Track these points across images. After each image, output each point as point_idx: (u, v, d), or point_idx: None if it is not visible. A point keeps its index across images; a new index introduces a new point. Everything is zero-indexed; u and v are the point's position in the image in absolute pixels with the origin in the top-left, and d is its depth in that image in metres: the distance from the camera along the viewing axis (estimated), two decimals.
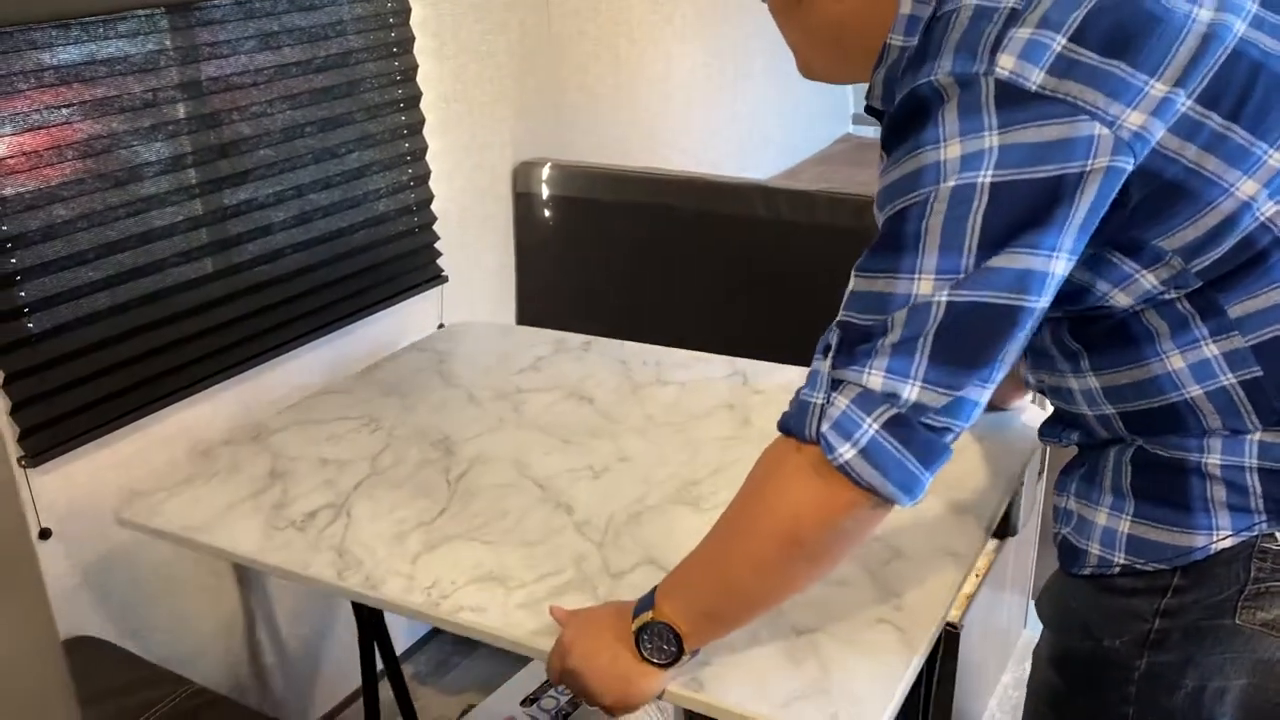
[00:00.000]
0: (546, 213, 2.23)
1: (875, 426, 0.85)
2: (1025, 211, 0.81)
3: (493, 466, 1.42)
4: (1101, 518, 0.99)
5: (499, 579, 1.18)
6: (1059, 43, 0.80)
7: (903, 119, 0.87)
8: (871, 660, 1.03)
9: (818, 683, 1.01)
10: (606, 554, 1.21)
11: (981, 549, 1.18)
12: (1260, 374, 0.88)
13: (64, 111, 1.44)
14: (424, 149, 1.99)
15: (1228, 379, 0.89)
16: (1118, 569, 0.98)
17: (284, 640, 1.92)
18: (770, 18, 1.02)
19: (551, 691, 1.77)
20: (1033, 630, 2.20)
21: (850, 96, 3.94)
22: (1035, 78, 0.79)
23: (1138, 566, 0.96)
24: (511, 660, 1.92)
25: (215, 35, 1.61)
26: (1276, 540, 0.91)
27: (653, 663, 0.99)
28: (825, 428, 0.86)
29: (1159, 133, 0.80)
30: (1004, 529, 1.83)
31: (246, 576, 1.83)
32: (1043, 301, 0.84)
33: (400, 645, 2.18)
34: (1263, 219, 0.84)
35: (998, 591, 1.89)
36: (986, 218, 0.81)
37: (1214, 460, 0.92)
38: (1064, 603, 1.06)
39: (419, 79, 1.95)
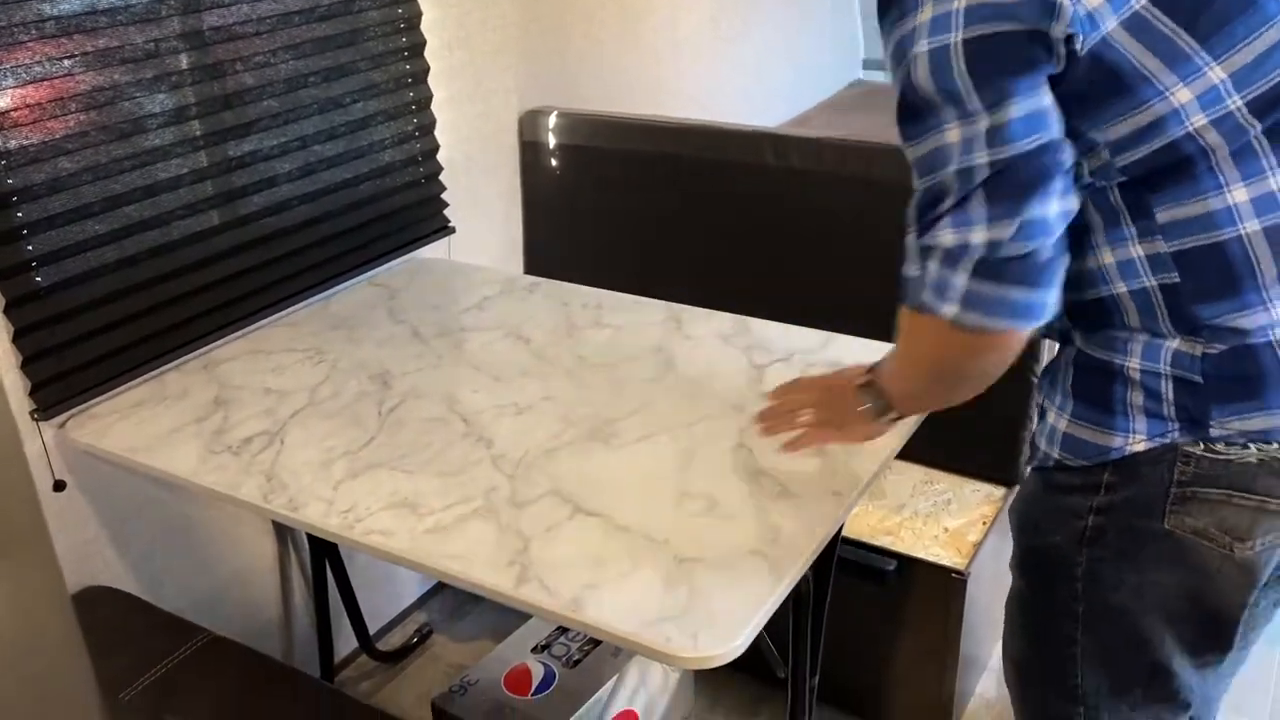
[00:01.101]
0: (553, 161, 2.22)
1: (964, 279, 0.93)
2: (1002, 61, 0.88)
3: (424, 401, 1.47)
4: (1051, 416, 1.08)
5: (411, 505, 1.25)
6: None
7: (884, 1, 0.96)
8: (739, 588, 1.09)
9: (686, 606, 1.07)
10: (516, 485, 1.28)
11: (861, 491, 1.25)
12: (1178, 280, 0.95)
13: (66, 63, 1.43)
14: (429, 98, 1.97)
15: (1149, 281, 0.96)
16: (1053, 464, 1.07)
17: (300, 588, 1.95)
18: None
19: (562, 639, 1.79)
20: None
21: (861, 42, 3.88)
22: None
23: (1067, 463, 1.05)
24: None
25: None
26: (1198, 446, 0.98)
27: (867, 408, 1.15)
28: (927, 296, 0.96)
29: (1110, 21, 0.87)
30: (1010, 477, 1.84)
31: (266, 525, 1.85)
32: (1058, 128, 0.90)
33: (412, 594, 2.21)
34: (1190, 129, 0.90)
35: (1006, 539, 1.90)
36: (970, 70, 0.89)
37: (1134, 365, 0.99)
38: (1023, 502, 1.16)
39: (423, 26, 1.93)
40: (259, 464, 1.35)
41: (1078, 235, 0.97)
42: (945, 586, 1.70)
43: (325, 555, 1.89)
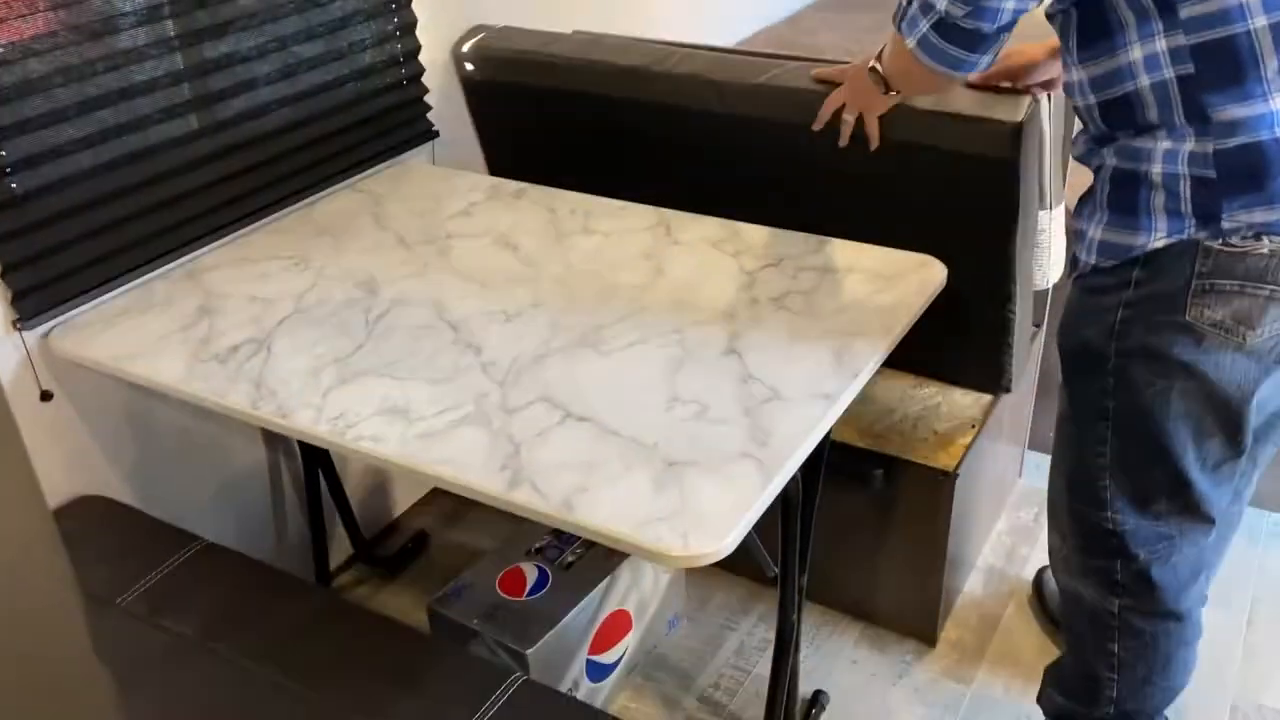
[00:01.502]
0: (478, 94, 2.03)
1: (927, 27, 1.21)
2: None
3: (412, 308, 1.46)
4: (1089, 229, 1.23)
5: (402, 412, 1.25)
6: None
7: None
8: (729, 489, 1.10)
9: (676, 507, 1.08)
10: (506, 392, 1.27)
11: (851, 392, 1.26)
12: (1193, 71, 1.09)
13: None
14: None
15: (1168, 73, 1.10)
16: (1090, 269, 1.23)
17: (292, 496, 1.96)
18: None
19: (556, 543, 1.81)
20: (1027, 480, 2.24)
21: None
22: None
23: (1102, 265, 1.21)
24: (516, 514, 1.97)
25: None
26: (1216, 241, 1.12)
27: (878, 85, 1.45)
28: (903, 26, 1.25)
29: None
30: (997, 386, 1.85)
31: (257, 434, 1.86)
32: None
33: (408, 500, 2.23)
34: None
35: (994, 443, 1.92)
36: None
37: (1157, 170, 1.14)
38: (1065, 309, 1.31)
39: None
40: (246, 372, 1.35)
41: (1109, 39, 1.14)
42: (934, 487, 1.72)
43: (318, 464, 1.89)
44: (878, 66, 1.44)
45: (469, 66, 2.00)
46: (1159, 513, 1.30)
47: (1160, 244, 1.14)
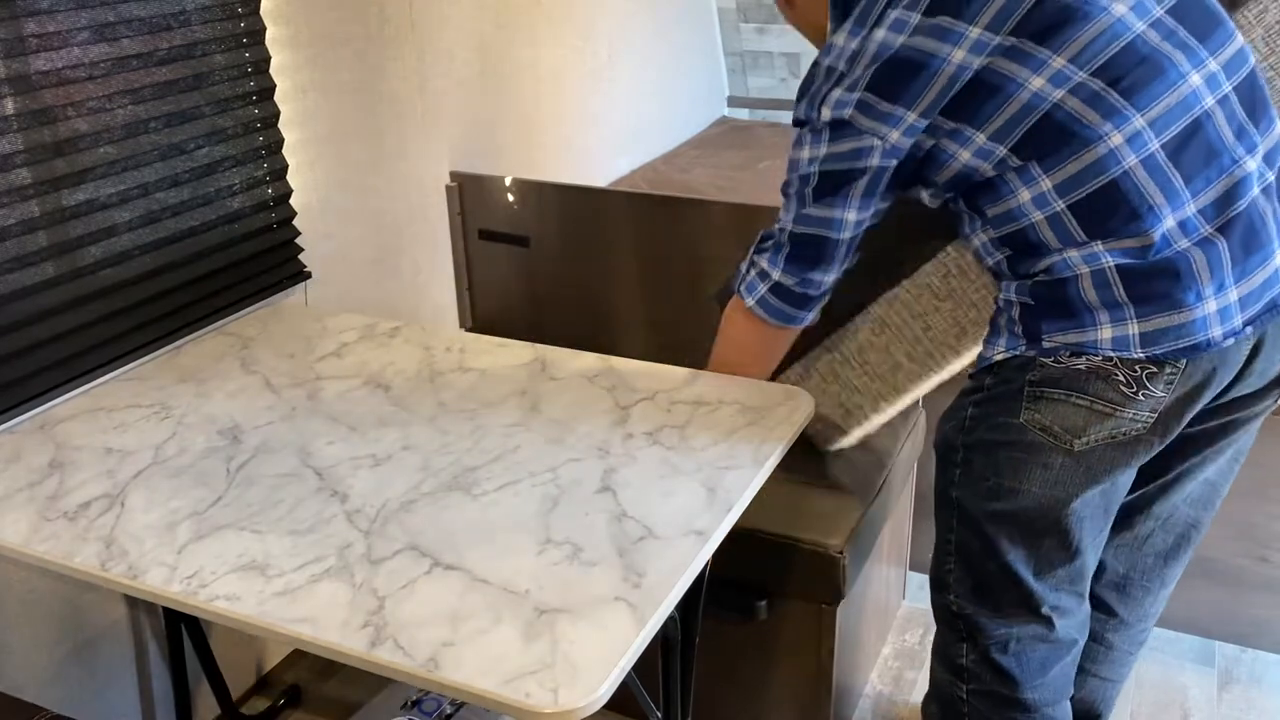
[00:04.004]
0: None
1: (765, 290, 1.46)
2: (833, 186, 1.33)
3: (276, 455, 1.42)
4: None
5: (260, 568, 1.20)
6: (855, 96, 1.28)
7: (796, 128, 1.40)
8: (601, 636, 1.08)
9: (546, 659, 1.05)
10: (372, 542, 1.24)
11: (723, 528, 1.26)
12: (1011, 254, 1.30)
13: None
14: (280, 142, 1.92)
15: (1058, 205, 1.24)
16: (969, 378, 1.40)
17: (155, 655, 1.85)
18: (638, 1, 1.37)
19: (433, 695, 1.74)
20: (911, 603, 2.25)
21: (725, 80, 3.96)
22: (845, 113, 1.29)
23: (969, 373, 1.39)
24: None
25: (44, 26, 1.52)
26: (1048, 357, 1.27)
27: None
28: (743, 287, 1.49)
29: (910, 140, 1.28)
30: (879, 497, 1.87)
31: (115, 592, 1.75)
32: (845, 234, 1.37)
33: (280, 654, 2.12)
34: (998, 158, 1.25)
35: (874, 567, 1.93)
36: (815, 187, 1.35)
37: (1003, 297, 1.33)
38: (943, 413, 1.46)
39: (272, 70, 1.88)
40: (97, 529, 1.28)
41: (997, 191, 1.28)
42: (816, 618, 1.71)
43: (181, 619, 1.79)
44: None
45: None
46: (997, 605, 1.40)
47: (1000, 357, 1.32)
